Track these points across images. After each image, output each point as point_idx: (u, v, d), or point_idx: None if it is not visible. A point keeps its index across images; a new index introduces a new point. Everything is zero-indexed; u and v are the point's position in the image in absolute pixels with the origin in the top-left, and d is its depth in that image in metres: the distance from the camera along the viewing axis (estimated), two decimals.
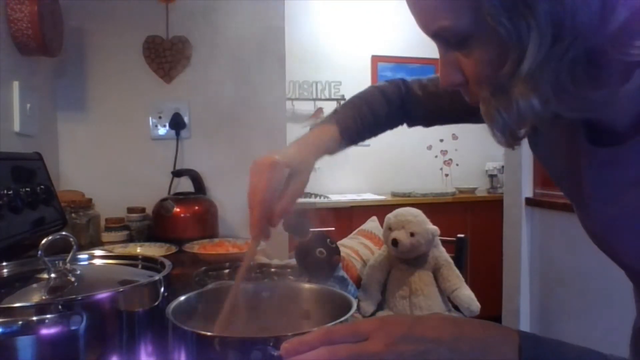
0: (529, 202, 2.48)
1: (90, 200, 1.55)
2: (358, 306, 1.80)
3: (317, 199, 3.25)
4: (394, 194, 3.49)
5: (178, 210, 1.57)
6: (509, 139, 0.52)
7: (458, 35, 0.50)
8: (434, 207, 2.69)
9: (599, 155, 0.55)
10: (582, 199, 0.61)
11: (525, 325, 2.49)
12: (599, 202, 0.58)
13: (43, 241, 0.67)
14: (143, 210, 1.65)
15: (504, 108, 0.48)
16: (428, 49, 3.81)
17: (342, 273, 1.32)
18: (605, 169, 0.55)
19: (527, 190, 2.49)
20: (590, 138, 0.56)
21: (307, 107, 3.58)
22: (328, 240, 1.20)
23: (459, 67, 0.53)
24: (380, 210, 2.22)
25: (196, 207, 1.61)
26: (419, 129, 0.97)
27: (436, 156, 3.90)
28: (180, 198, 1.63)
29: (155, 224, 1.62)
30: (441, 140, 3.89)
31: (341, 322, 0.59)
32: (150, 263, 0.81)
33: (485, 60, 0.50)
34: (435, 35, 0.52)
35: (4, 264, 0.76)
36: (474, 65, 0.51)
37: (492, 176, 3.80)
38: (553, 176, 0.69)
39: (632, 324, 0.72)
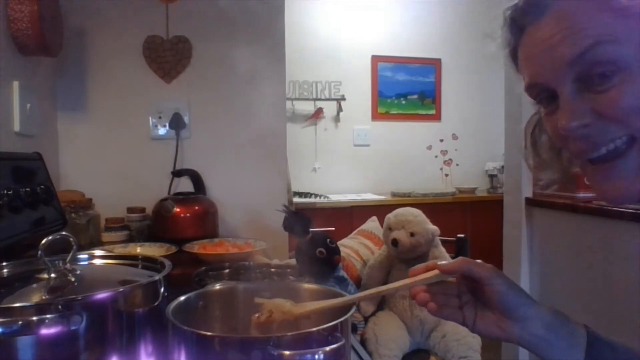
0: (529, 202, 2.48)
1: (90, 200, 1.55)
2: (358, 306, 1.79)
3: (317, 199, 3.25)
4: (394, 194, 3.49)
5: (178, 210, 1.57)
6: None
7: (613, 63, 0.50)
8: (434, 207, 2.69)
9: None
10: None
11: None
12: None
13: (43, 241, 0.67)
14: (143, 210, 1.65)
15: None
16: (428, 49, 3.82)
17: (342, 273, 1.32)
18: None
19: (527, 190, 2.49)
20: None
21: (307, 107, 3.58)
22: (328, 240, 1.20)
23: (589, 108, 0.53)
24: (380, 210, 2.22)
25: (196, 207, 1.61)
26: (418, 129, 0.96)
27: (436, 156, 3.90)
28: (180, 198, 1.62)
29: (155, 224, 1.61)
30: (441, 140, 3.89)
31: (341, 322, 0.59)
32: (150, 263, 0.81)
33: (638, 90, 0.50)
34: (581, 57, 0.51)
35: (4, 264, 0.76)
36: (621, 98, 0.51)
37: (492, 176, 3.80)
38: None
39: None
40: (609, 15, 0.51)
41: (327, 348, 0.54)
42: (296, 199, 3.09)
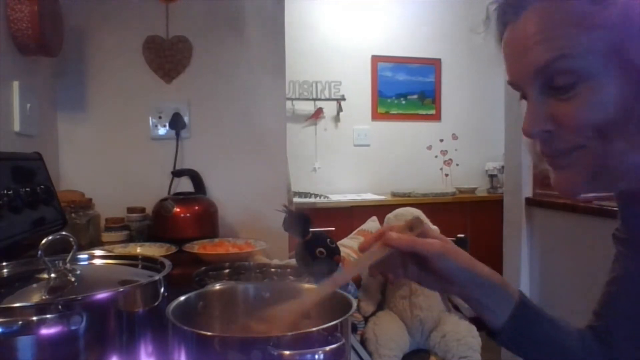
0: (529, 202, 2.48)
1: (90, 200, 1.55)
2: (358, 306, 1.80)
3: (317, 199, 3.25)
4: (394, 194, 3.49)
5: (178, 210, 1.57)
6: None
7: (575, 73, 0.50)
8: (434, 207, 2.69)
9: None
10: None
11: None
12: None
13: (43, 241, 0.67)
14: (143, 210, 1.65)
15: None
16: (428, 49, 3.82)
17: None
18: None
19: (527, 190, 2.49)
20: None
21: (307, 107, 3.58)
22: (328, 240, 1.20)
23: (550, 114, 0.54)
24: (380, 210, 2.22)
25: (196, 207, 1.61)
26: (418, 129, 0.96)
27: (436, 156, 3.90)
28: (180, 198, 1.62)
29: (155, 224, 1.61)
30: (441, 140, 3.89)
31: (340, 322, 0.59)
32: (150, 263, 0.81)
33: (597, 103, 0.50)
34: (545, 67, 0.52)
35: (4, 264, 0.76)
36: (578, 110, 0.51)
37: (492, 176, 3.80)
38: None
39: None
40: (574, 27, 0.50)
41: (327, 348, 0.54)
42: (296, 199, 3.09)
